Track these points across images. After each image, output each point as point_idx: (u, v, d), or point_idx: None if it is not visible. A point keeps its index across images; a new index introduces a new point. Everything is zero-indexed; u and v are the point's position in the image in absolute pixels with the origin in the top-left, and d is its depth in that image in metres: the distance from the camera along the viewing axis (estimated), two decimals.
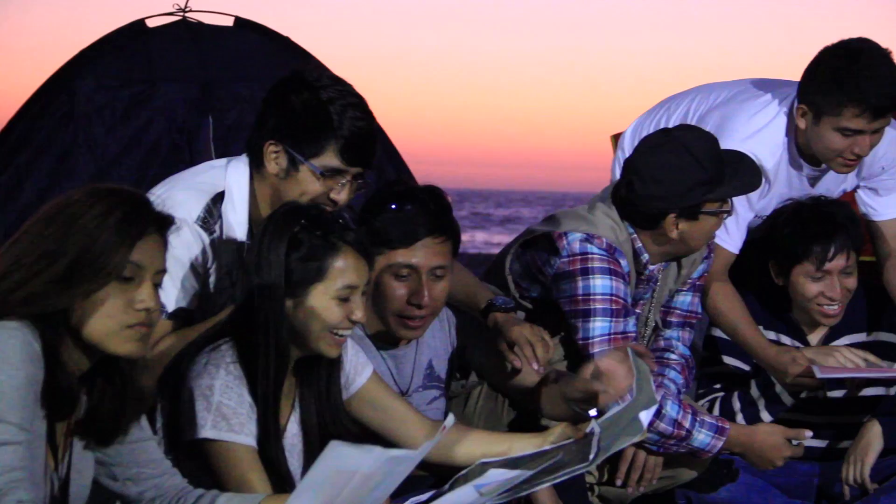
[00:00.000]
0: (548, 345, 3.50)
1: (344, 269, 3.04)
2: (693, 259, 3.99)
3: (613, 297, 3.76)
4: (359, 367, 3.29)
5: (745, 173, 3.83)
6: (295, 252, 3.02)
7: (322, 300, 3.03)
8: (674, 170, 3.74)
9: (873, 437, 4.12)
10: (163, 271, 2.63)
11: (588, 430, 3.10)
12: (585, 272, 3.76)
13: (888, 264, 4.31)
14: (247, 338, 3.04)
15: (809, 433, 3.94)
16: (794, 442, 3.94)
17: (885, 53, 3.98)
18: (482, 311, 3.63)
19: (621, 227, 3.83)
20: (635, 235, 3.84)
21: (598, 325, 3.76)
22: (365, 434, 3.29)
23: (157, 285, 2.62)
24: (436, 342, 3.69)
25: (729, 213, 3.84)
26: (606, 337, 3.76)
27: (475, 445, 3.28)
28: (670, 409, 3.78)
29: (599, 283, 3.75)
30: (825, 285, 4.12)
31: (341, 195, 3.35)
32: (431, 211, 3.47)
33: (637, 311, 3.97)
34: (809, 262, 4.11)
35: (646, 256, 3.86)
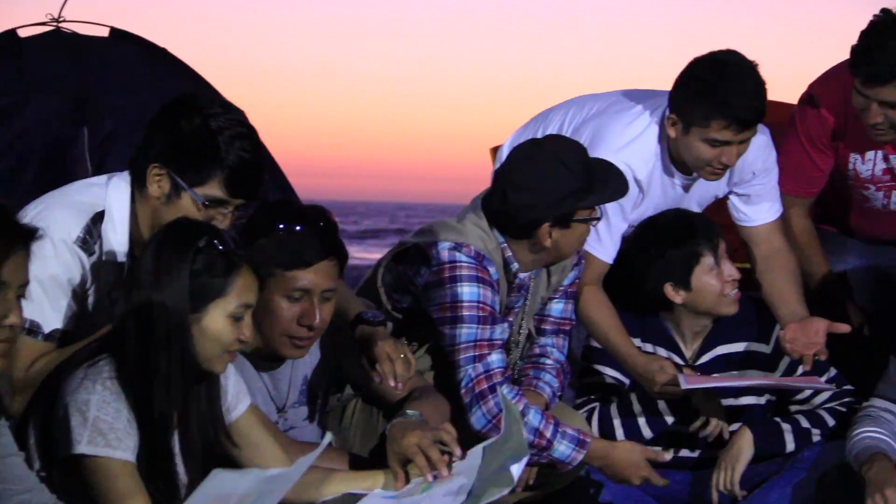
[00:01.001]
0: (409, 362, 3.51)
1: (244, 287, 3.05)
2: (563, 266, 4.04)
3: (480, 304, 3.80)
4: (240, 396, 3.27)
5: (613, 180, 3.88)
6: (198, 267, 3.02)
7: (219, 317, 3.04)
8: (547, 180, 3.78)
9: (745, 444, 4.20)
10: (26, 283, 2.60)
11: (454, 459, 3.20)
12: (454, 280, 3.80)
13: (761, 268, 4.41)
14: (129, 354, 3.01)
15: (668, 456, 4.00)
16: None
17: (752, 66, 4.06)
18: (351, 323, 3.63)
19: (491, 235, 3.87)
20: (505, 244, 3.88)
21: (465, 332, 3.79)
22: None
23: (19, 297, 2.58)
24: (311, 357, 3.69)
25: (598, 218, 3.89)
26: (472, 343, 3.80)
27: (340, 484, 3.31)
28: (532, 419, 3.81)
29: (467, 291, 3.79)
30: (725, 271, 4.20)
31: (221, 225, 3.31)
32: (322, 232, 3.47)
33: (510, 319, 4.00)
34: (706, 256, 4.20)
35: (515, 266, 3.90)
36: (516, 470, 3.06)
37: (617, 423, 4.24)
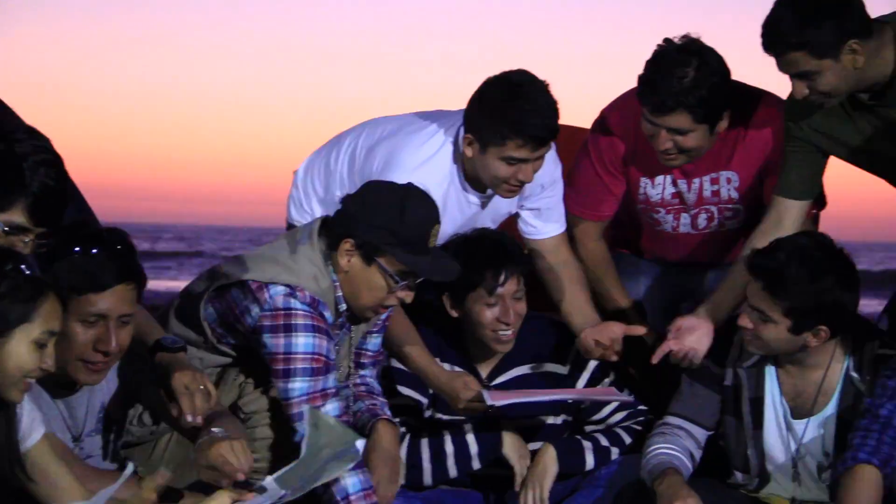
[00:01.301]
0: (209, 394, 3.47)
1: (49, 314, 3.02)
2: None
3: (315, 356, 3.72)
4: (34, 425, 3.20)
5: (443, 264, 3.87)
6: (3, 291, 2.97)
7: (23, 343, 2.99)
8: (380, 204, 3.78)
9: (549, 461, 4.26)
10: None
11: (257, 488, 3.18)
12: (288, 329, 3.72)
13: (551, 278, 4.49)
14: None
15: None
16: None
17: (544, 86, 4.14)
18: (150, 350, 3.58)
19: (324, 272, 3.81)
20: (337, 283, 3.84)
21: (298, 386, 3.72)
22: None
23: None
24: (109, 384, 3.62)
25: (395, 282, 3.79)
26: (305, 397, 3.72)
27: None
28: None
29: (302, 342, 3.72)
30: (499, 310, 4.23)
31: (23, 252, 3.22)
32: (120, 255, 3.41)
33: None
34: (483, 287, 4.22)
35: (343, 307, 3.86)
36: (361, 444, 3.14)
37: (426, 456, 4.27)
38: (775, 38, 3.99)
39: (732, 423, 4.13)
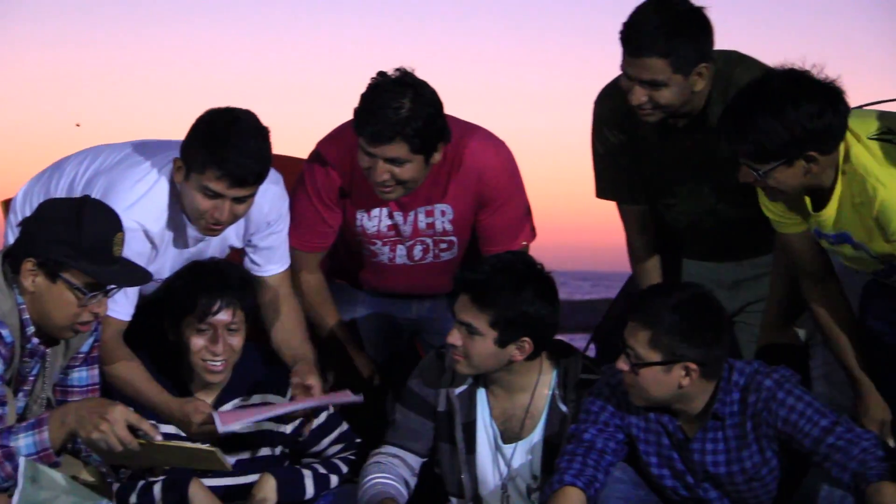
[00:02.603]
0: None
1: None
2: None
3: None
4: None
5: (131, 271, 3.84)
6: None
7: None
8: (56, 219, 3.73)
9: (269, 491, 4.24)
10: None
11: None
12: None
13: (270, 314, 4.49)
14: None
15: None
16: None
17: (262, 130, 4.14)
18: None
19: (7, 296, 3.74)
20: (24, 305, 3.76)
21: None
22: None
23: None
24: None
25: (84, 293, 3.74)
26: None
27: None
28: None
29: None
30: (209, 339, 4.22)
31: None
32: None
33: (25, 388, 3.87)
34: (194, 314, 4.21)
35: (31, 329, 3.78)
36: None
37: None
38: (643, 39, 4.08)
39: (447, 448, 4.23)
